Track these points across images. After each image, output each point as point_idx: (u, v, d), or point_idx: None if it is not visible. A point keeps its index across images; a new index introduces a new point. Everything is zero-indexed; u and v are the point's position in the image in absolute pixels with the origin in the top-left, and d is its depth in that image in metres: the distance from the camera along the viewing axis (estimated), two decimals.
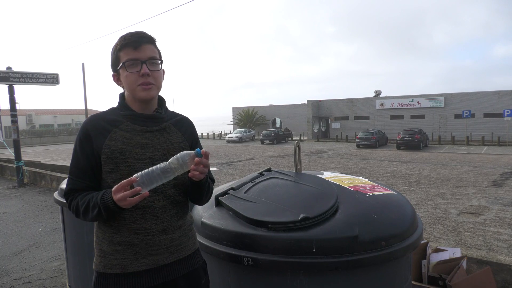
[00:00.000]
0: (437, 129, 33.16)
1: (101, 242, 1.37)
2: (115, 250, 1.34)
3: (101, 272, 1.35)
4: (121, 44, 1.36)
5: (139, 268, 1.34)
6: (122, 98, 1.44)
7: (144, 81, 1.35)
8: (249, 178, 1.96)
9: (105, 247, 1.35)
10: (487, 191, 9.98)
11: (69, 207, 1.36)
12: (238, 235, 1.54)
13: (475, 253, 3.20)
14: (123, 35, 1.39)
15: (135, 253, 1.34)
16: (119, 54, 1.37)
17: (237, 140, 35.59)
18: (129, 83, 1.36)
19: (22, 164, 10.31)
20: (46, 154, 25.90)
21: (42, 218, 6.34)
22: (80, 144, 1.35)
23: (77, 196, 1.34)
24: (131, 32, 1.38)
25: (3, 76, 9.77)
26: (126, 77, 1.36)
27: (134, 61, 1.34)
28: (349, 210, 1.59)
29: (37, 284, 3.70)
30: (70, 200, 1.36)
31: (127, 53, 1.35)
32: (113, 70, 1.42)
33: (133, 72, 1.35)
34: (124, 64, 1.35)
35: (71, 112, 52.22)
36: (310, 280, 1.45)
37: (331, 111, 39.91)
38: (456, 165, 16.05)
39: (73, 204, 1.34)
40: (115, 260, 1.34)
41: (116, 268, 1.34)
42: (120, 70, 1.38)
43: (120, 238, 1.34)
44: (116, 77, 1.42)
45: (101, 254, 1.36)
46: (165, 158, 1.31)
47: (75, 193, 1.35)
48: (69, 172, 1.38)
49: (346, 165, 16.44)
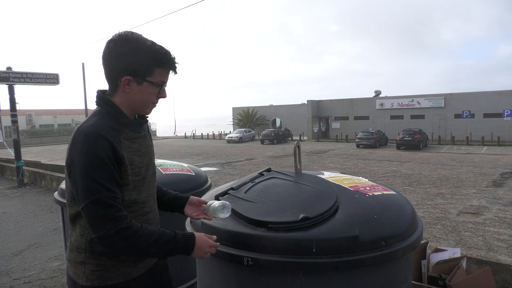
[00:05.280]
0: (437, 129, 33.16)
1: (99, 257, 1.27)
2: (119, 261, 1.30)
3: (101, 286, 1.29)
4: (165, 62, 1.30)
5: (138, 273, 1.36)
6: (113, 104, 1.30)
7: (157, 101, 1.36)
8: (249, 178, 1.96)
9: (106, 261, 1.28)
10: (487, 191, 9.98)
11: (124, 236, 1.17)
12: (238, 235, 1.54)
13: (475, 253, 3.21)
14: (166, 51, 1.30)
15: (134, 259, 1.34)
16: (154, 69, 1.28)
17: (237, 140, 35.58)
18: (147, 99, 1.32)
19: (22, 164, 10.31)
20: (46, 154, 25.90)
21: (42, 218, 6.34)
22: (105, 153, 1.18)
23: (132, 222, 1.22)
24: (172, 54, 1.31)
25: (3, 76, 9.77)
26: (149, 93, 1.31)
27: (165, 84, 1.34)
28: (349, 210, 1.60)
29: (37, 284, 3.70)
30: (128, 226, 1.19)
31: (165, 74, 1.32)
32: (133, 74, 1.26)
33: (155, 92, 1.33)
34: (156, 83, 1.30)
35: (71, 112, 52.21)
36: (310, 280, 1.45)
37: (331, 111, 39.92)
38: (456, 165, 16.05)
39: (141, 230, 1.21)
40: (117, 271, 1.30)
41: (119, 278, 1.31)
42: (146, 83, 1.28)
43: None
44: (128, 82, 1.27)
45: (99, 269, 1.28)
46: (152, 163, 1.44)
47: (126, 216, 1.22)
48: (103, 186, 1.16)
49: (346, 165, 16.44)
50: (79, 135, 1.21)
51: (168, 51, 1.31)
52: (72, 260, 1.33)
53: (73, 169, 1.19)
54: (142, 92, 1.29)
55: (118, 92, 1.30)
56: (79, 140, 1.19)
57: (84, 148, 1.17)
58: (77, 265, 1.30)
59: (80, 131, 1.22)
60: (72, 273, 1.34)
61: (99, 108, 1.30)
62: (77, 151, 1.18)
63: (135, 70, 1.26)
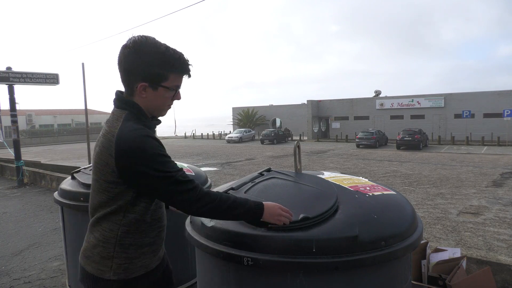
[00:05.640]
0: (437, 129, 33.17)
1: (126, 250, 1.34)
2: (142, 253, 1.37)
3: (128, 278, 1.35)
4: (179, 67, 1.35)
5: (155, 264, 1.44)
6: (139, 107, 1.36)
7: (172, 104, 1.42)
8: (249, 178, 1.96)
9: (132, 253, 1.35)
10: (487, 191, 9.98)
11: (202, 197, 1.31)
12: (238, 235, 1.54)
13: (475, 253, 3.21)
14: (180, 55, 1.35)
15: (154, 250, 1.42)
16: (168, 74, 1.33)
17: (237, 140, 35.58)
18: (162, 103, 1.38)
19: (22, 164, 10.31)
20: (46, 154, 25.91)
21: (42, 218, 6.34)
22: (160, 147, 1.29)
23: (208, 189, 1.36)
24: (186, 58, 1.36)
25: (3, 76, 9.77)
26: (164, 98, 1.36)
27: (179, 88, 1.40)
28: (349, 210, 1.59)
29: (37, 284, 3.70)
30: (207, 192, 1.34)
31: (178, 79, 1.37)
32: (148, 81, 1.32)
33: (170, 96, 1.38)
34: (171, 88, 1.35)
35: (71, 112, 52.22)
36: (310, 280, 1.45)
37: (331, 111, 39.93)
38: (456, 165, 16.05)
39: (219, 195, 1.34)
40: (139, 263, 1.37)
41: (141, 270, 1.38)
42: (161, 88, 1.34)
43: (148, 240, 1.39)
44: (143, 88, 1.32)
45: (125, 262, 1.34)
46: None
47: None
48: (174, 168, 1.29)
49: (346, 165, 16.45)
50: (129, 140, 1.25)
51: (180, 55, 1.35)
52: (95, 256, 1.35)
53: (139, 169, 1.24)
54: (158, 96, 1.35)
55: (135, 97, 1.36)
56: (131, 144, 1.24)
57: (142, 147, 1.24)
58: (102, 260, 1.34)
59: (124, 136, 1.26)
60: (93, 269, 1.35)
61: (126, 112, 1.34)
62: (135, 153, 1.24)
63: (150, 76, 1.31)
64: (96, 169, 1.33)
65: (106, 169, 1.28)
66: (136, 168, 1.24)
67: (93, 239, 1.37)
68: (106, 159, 1.28)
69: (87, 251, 1.39)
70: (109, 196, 1.32)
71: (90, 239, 1.38)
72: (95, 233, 1.37)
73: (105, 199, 1.33)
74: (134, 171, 1.25)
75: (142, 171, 1.24)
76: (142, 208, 1.35)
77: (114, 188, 1.30)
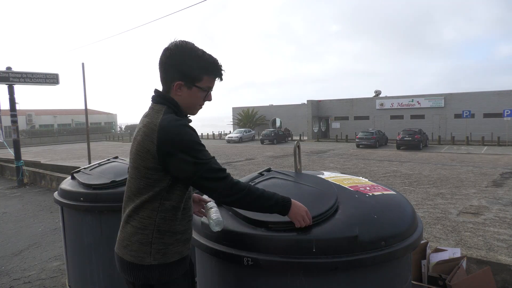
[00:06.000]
0: (437, 129, 33.16)
1: (163, 236, 1.44)
2: (176, 240, 1.47)
3: (167, 263, 1.45)
4: (213, 70, 1.48)
5: (187, 252, 1.55)
6: (177, 103, 1.48)
7: (203, 104, 1.56)
8: (249, 178, 1.96)
9: (168, 239, 1.45)
10: (487, 191, 9.98)
11: (233, 186, 1.40)
12: (238, 235, 1.55)
13: (475, 253, 3.21)
14: (214, 60, 1.49)
15: (185, 238, 1.52)
16: (202, 76, 1.47)
17: (237, 140, 35.59)
18: (195, 102, 1.52)
19: (22, 164, 10.31)
20: (46, 154, 25.91)
21: (42, 218, 6.34)
22: (197, 136, 1.41)
23: (238, 179, 1.47)
24: (220, 63, 1.50)
25: (3, 76, 9.77)
26: (197, 97, 1.50)
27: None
28: (349, 210, 1.59)
29: (37, 284, 3.71)
30: (237, 181, 1.44)
31: (211, 81, 1.51)
32: (184, 80, 1.46)
33: (202, 96, 1.52)
34: (203, 88, 1.49)
35: (71, 112, 52.23)
36: (310, 280, 1.45)
37: (331, 111, 39.92)
38: (456, 165, 16.06)
39: (248, 186, 1.43)
40: (174, 249, 1.47)
41: (176, 256, 1.48)
42: (195, 88, 1.48)
43: (181, 228, 1.49)
44: (179, 87, 1.46)
45: (163, 247, 1.44)
46: None
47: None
48: (209, 156, 1.40)
49: (346, 165, 16.45)
50: (170, 129, 1.37)
51: (215, 60, 1.49)
52: (134, 243, 1.45)
53: (178, 155, 1.35)
54: (191, 95, 1.49)
55: (171, 94, 1.49)
56: (172, 132, 1.36)
57: (181, 135, 1.36)
58: (142, 246, 1.44)
59: (165, 125, 1.37)
60: (132, 257, 1.45)
61: (166, 106, 1.46)
62: (174, 140, 1.36)
63: (186, 76, 1.46)
64: (136, 156, 1.44)
65: (147, 155, 1.39)
66: (176, 154, 1.35)
67: (131, 228, 1.46)
68: (147, 146, 1.39)
69: (125, 240, 1.47)
70: (147, 182, 1.42)
71: (127, 229, 1.47)
72: (132, 222, 1.46)
73: (143, 185, 1.43)
74: (173, 157, 1.36)
75: (181, 158, 1.35)
76: (177, 196, 1.45)
77: (153, 175, 1.41)
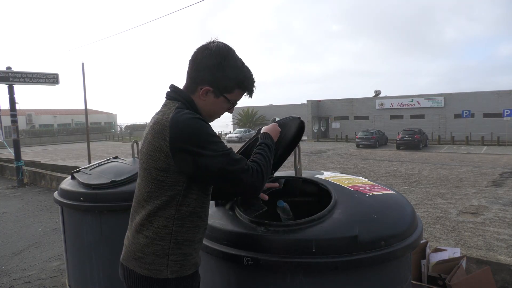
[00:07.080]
0: (437, 129, 33.17)
1: (181, 246, 1.33)
2: (194, 249, 1.39)
3: (183, 276, 1.34)
4: (247, 86, 1.42)
5: (200, 261, 1.45)
6: (194, 103, 1.39)
7: (223, 114, 1.47)
8: None
9: (187, 249, 1.35)
10: (487, 191, 9.99)
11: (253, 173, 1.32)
12: (238, 235, 1.55)
13: (475, 253, 3.21)
14: (251, 76, 1.43)
15: (199, 248, 1.44)
16: (235, 88, 1.40)
17: (237, 140, 35.58)
18: (218, 111, 1.43)
19: (22, 164, 10.31)
20: (46, 154, 25.90)
21: (42, 218, 6.34)
22: (211, 129, 1.33)
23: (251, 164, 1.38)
24: (254, 79, 1.45)
25: (3, 76, 9.77)
26: (221, 107, 1.42)
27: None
28: (349, 210, 1.59)
29: (37, 284, 3.71)
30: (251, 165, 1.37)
31: (241, 95, 1.44)
32: (214, 87, 1.36)
33: (227, 107, 1.44)
34: (230, 101, 1.42)
35: (71, 112, 52.21)
36: (310, 280, 1.45)
37: (330, 111, 39.93)
38: (456, 165, 16.06)
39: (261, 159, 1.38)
40: (192, 259, 1.38)
41: (193, 268, 1.39)
42: (223, 98, 1.39)
43: (199, 236, 1.41)
44: (206, 92, 1.37)
45: (181, 258, 1.34)
46: None
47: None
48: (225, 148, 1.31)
49: (346, 165, 16.45)
50: (183, 123, 1.26)
51: (252, 75, 1.43)
52: (149, 255, 1.31)
53: (194, 150, 1.25)
54: (216, 104, 1.40)
55: (194, 96, 1.38)
56: (185, 126, 1.25)
57: (196, 129, 1.26)
58: (157, 258, 1.31)
59: (177, 120, 1.27)
60: (147, 270, 1.31)
61: (179, 102, 1.35)
62: (189, 135, 1.25)
63: (218, 84, 1.36)
64: (147, 157, 1.32)
65: (159, 155, 1.27)
66: (191, 149, 1.24)
67: (144, 239, 1.32)
68: (159, 145, 1.27)
69: (137, 252, 1.33)
70: (158, 185, 1.30)
71: (139, 240, 1.33)
72: (145, 232, 1.32)
73: (154, 189, 1.30)
74: (189, 152, 1.25)
75: (197, 152, 1.24)
76: (194, 201, 1.34)
77: (165, 177, 1.28)
